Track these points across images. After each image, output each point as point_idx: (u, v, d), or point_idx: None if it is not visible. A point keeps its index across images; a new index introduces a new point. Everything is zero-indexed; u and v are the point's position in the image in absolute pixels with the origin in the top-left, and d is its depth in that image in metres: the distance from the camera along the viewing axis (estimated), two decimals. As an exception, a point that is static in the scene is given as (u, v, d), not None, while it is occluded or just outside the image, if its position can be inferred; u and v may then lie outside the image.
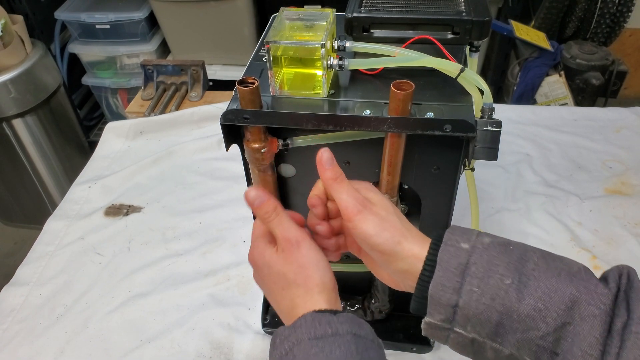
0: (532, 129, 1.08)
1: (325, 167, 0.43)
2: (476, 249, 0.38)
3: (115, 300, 0.78)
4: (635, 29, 1.98)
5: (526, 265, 0.37)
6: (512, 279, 0.36)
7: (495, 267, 0.37)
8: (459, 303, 0.37)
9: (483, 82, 0.47)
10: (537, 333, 0.35)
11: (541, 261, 0.37)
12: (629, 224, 0.86)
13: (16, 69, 1.44)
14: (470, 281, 0.37)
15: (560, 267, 0.37)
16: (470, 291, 0.37)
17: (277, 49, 0.47)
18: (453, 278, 0.37)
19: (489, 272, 0.37)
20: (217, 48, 1.77)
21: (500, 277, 0.36)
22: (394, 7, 0.50)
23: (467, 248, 0.38)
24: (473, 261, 0.37)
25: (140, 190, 0.99)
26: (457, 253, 0.38)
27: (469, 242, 0.39)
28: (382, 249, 0.41)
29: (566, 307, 0.35)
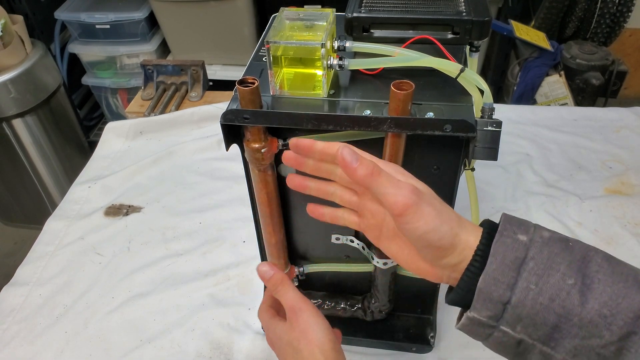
0: (532, 129, 1.08)
1: (353, 166, 0.37)
2: (535, 243, 0.35)
3: (115, 300, 0.78)
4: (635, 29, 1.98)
5: (589, 266, 0.34)
6: (575, 279, 0.33)
7: (557, 265, 0.34)
8: (512, 300, 0.34)
9: (483, 82, 0.47)
10: (599, 341, 0.33)
11: (605, 263, 0.34)
12: (629, 224, 0.86)
13: (16, 69, 1.44)
14: (528, 277, 0.34)
15: (625, 271, 0.34)
16: (527, 288, 0.34)
17: (277, 49, 0.47)
18: (508, 272, 0.34)
19: (549, 269, 0.34)
20: (217, 48, 1.77)
21: (562, 277, 0.33)
22: (394, 7, 0.50)
23: (525, 241, 0.35)
24: (531, 256, 0.34)
25: (140, 190, 0.99)
26: (514, 245, 0.35)
27: (527, 234, 0.35)
28: (439, 244, 0.37)
29: (635, 315, 0.32)
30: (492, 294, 0.35)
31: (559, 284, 0.33)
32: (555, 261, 0.34)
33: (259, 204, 0.57)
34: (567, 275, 0.34)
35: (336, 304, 0.70)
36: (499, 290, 0.34)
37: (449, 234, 0.37)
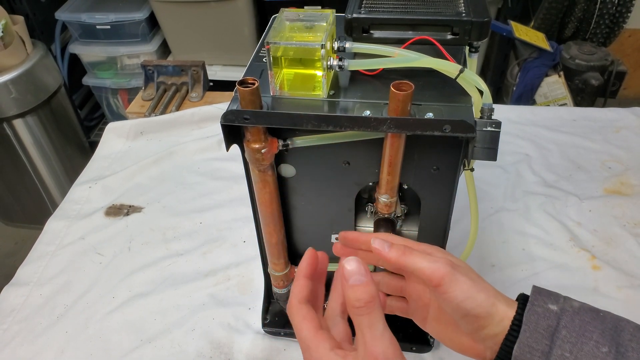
0: (532, 129, 1.08)
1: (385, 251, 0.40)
2: (566, 312, 0.36)
3: (116, 300, 0.78)
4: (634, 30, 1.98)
5: (622, 335, 0.35)
6: (609, 347, 0.34)
7: (590, 333, 0.35)
8: None
9: (482, 82, 0.47)
10: None
11: (637, 332, 0.35)
12: (628, 224, 0.86)
13: (17, 69, 1.44)
14: (562, 345, 0.34)
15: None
16: (562, 356, 0.34)
17: (277, 49, 0.47)
18: (542, 340, 0.35)
19: (582, 337, 0.34)
20: (218, 48, 1.77)
21: (596, 344, 0.34)
22: (393, 8, 0.50)
23: (556, 310, 0.36)
24: (564, 324, 0.35)
25: (140, 191, 0.99)
26: (546, 314, 0.36)
27: (557, 303, 0.37)
28: (476, 312, 0.38)
29: None
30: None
31: (594, 352, 0.34)
32: (587, 329, 0.35)
33: (259, 204, 0.57)
34: (600, 344, 0.34)
35: (336, 304, 0.70)
36: (534, 358, 0.35)
37: (486, 302, 0.38)
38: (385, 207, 0.56)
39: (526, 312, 0.36)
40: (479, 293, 0.38)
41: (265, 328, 0.72)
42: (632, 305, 0.73)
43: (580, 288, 0.76)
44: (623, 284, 0.76)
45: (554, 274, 0.78)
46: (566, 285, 0.77)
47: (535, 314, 0.36)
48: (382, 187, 0.54)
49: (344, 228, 0.61)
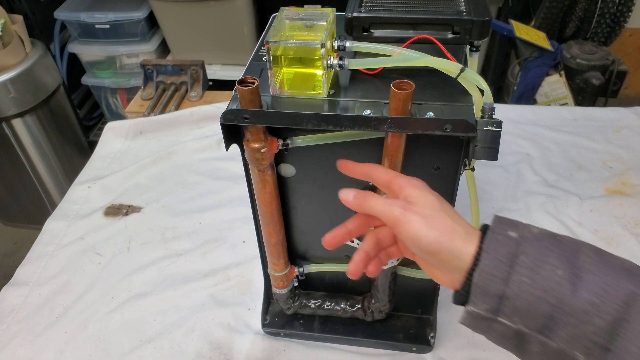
0: (533, 128, 1.08)
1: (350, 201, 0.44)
2: (525, 238, 0.37)
3: (115, 301, 0.78)
4: (635, 29, 1.98)
5: (579, 258, 0.36)
6: (564, 270, 0.35)
7: (547, 257, 0.36)
8: (507, 293, 0.36)
9: (483, 82, 0.47)
10: (591, 328, 0.34)
11: (594, 255, 0.36)
12: (629, 224, 0.86)
13: (16, 68, 1.44)
14: (520, 271, 0.36)
15: (613, 261, 0.36)
16: (520, 281, 0.35)
17: (277, 48, 0.46)
18: (501, 267, 0.36)
19: (540, 262, 0.36)
20: (217, 48, 1.77)
21: (552, 268, 0.35)
22: (394, 7, 0.50)
23: (516, 237, 0.37)
24: (522, 250, 0.36)
25: (139, 190, 0.99)
26: (506, 242, 0.37)
27: (517, 231, 0.38)
28: (432, 249, 0.39)
29: (623, 302, 0.33)
30: (488, 288, 0.36)
31: (550, 275, 0.35)
32: (544, 254, 0.36)
33: (259, 204, 0.57)
34: (557, 267, 0.35)
35: (336, 304, 0.70)
36: (494, 284, 0.36)
37: (441, 238, 0.39)
38: (385, 207, 0.56)
39: (487, 240, 0.38)
40: (432, 230, 0.39)
41: (265, 328, 0.72)
42: (634, 305, 0.73)
43: (581, 288, 0.76)
44: (624, 284, 0.76)
45: (555, 274, 0.78)
46: (567, 285, 0.76)
47: (495, 241, 0.37)
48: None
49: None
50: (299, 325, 0.72)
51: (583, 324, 0.34)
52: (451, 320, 0.72)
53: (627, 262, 0.37)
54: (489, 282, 0.36)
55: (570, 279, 0.35)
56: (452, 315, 0.73)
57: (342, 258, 0.65)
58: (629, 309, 0.33)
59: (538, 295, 0.35)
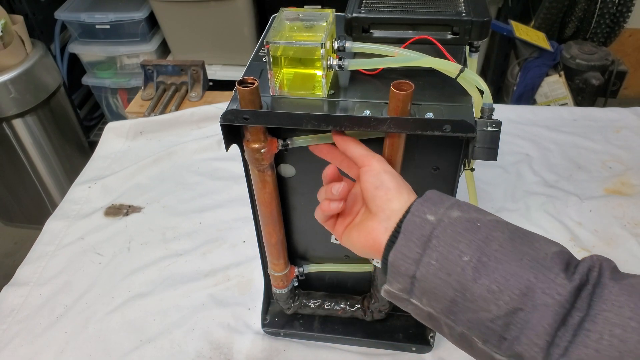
0: (532, 129, 1.08)
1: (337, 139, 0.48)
2: (441, 223, 0.38)
3: (115, 301, 0.78)
4: (634, 29, 1.98)
5: (490, 245, 0.36)
6: (470, 256, 0.36)
7: (458, 243, 0.36)
8: (417, 275, 0.37)
9: (483, 82, 0.47)
10: (488, 315, 0.35)
11: (507, 243, 0.36)
12: (629, 224, 0.86)
13: (16, 69, 1.44)
14: (430, 254, 0.37)
15: (526, 251, 0.36)
16: (429, 264, 0.37)
17: (277, 49, 0.47)
18: (414, 249, 0.37)
19: (449, 247, 0.36)
20: (217, 48, 1.77)
21: (460, 254, 0.36)
22: (393, 8, 0.50)
23: (433, 220, 0.38)
24: (436, 234, 0.37)
25: (140, 191, 0.99)
26: (422, 224, 0.38)
27: (436, 214, 0.38)
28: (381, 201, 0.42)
29: (520, 292, 0.34)
30: (400, 268, 0.38)
31: (456, 260, 0.36)
32: (456, 239, 0.37)
33: (259, 204, 0.57)
34: (464, 253, 0.36)
35: (336, 304, 0.70)
36: (406, 265, 0.38)
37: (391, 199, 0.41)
38: (385, 207, 0.56)
39: (405, 221, 0.39)
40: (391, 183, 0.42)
41: (265, 328, 0.72)
42: (633, 305, 0.73)
43: (581, 288, 0.76)
44: (624, 284, 0.76)
45: (555, 274, 0.78)
46: (566, 285, 0.77)
47: (412, 223, 0.38)
48: (382, 187, 0.54)
49: (344, 228, 0.61)
50: (298, 325, 0.72)
51: (481, 310, 0.35)
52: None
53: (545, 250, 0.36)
54: (402, 262, 0.38)
55: (475, 265, 0.35)
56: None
57: (342, 258, 0.65)
58: (525, 299, 0.34)
59: (444, 279, 0.36)
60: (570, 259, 0.36)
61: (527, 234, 0.38)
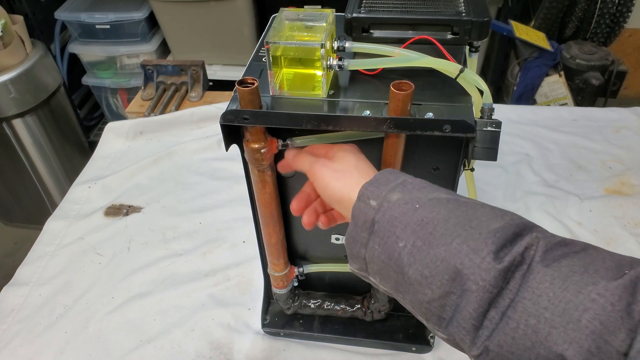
0: (532, 129, 1.08)
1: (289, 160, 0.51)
2: (382, 207, 0.39)
3: (115, 301, 0.78)
4: (635, 29, 1.98)
5: (425, 228, 0.37)
6: (405, 242, 0.37)
7: (394, 228, 0.38)
8: (366, 257, 0.40)
9: (482, 82, 0.47)
10: (425, 297, 0.36)
11: (441, 225, 0.36)
12: (629, 224, 0.86)
13: (16, 69, 1.44)
14: (374, 239, 0.39)
15: (459, 232, 0.36)
16: (373, 248, 0.39)
17: (277, 49, 0.47)
18: (361, 234, 0.39)
19: (387, 232, 0.38)
20: (217, 48, 1.77)
21: (396, 239, 0.37)
22: (393, 8, 0.50)
23: (375, 205, 0.39)
24: (377, 219, 0.39)
25: (140, 191, 0.99)
26: (366, 210, 0.39)
27: (377, 198, 0.39)
28: (336, 198, 0.44)
29: (450, 277, 0.35)
30: (353, 251, 0.41)
31: (393, 246, 0.38)
32: (393, 224, 0.38)
33: (259, 204, 0.57)
34: (400, 238, 0.37)
35: (336, 304, 0.70)
36: (357, 248, 0.40)
37: (342, 190, 0.43)
38: (385, 207, 0.56)
39: (353, 207, 0.41)
40: (337, 182, 0.44)
41: (264, 328, 0.72)
42: (633, 305, 0.73)
43: (581, 288, 0.76)
44: (623, 284, 0.76)
45: (555, 274, 0.78)
46: (566, 285, 0.77)
47: (358, 209, 0.40)
48: (382, 187, 0.54)
49: (344, 228, 0.61)
50: (298, 325, 0.72)
51: (419, 293, 0.37)
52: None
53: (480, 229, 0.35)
54: (354, 245, 0.40)
55: (410, 250, 0.36)
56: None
57: (342, 258, 0.65)
58: (454, 283, 0.35)
59: (386, 263, 0.38)
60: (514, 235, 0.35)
61: (468, 210, 0.37)
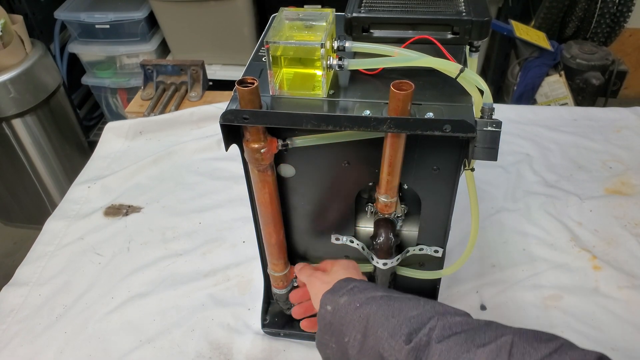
0: (532, 128, 1.08)
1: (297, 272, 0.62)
2: (334, 310, 0.48)
3: (115, 301, 0.78)
4: (635, 29, 1.98)
5: (361, 323, 0.45)
6: (349, 337, 0.46)
7: (342, 326, 0.47)
8: (330, 357, 0.49)
9: (483, 82, 0.47)
10: None
11: (371, 319, 0.44)
12: (629, 224, 0.86)
13: (16, 68, 1.43)
14: (331, 339, 0.48)
15: (383, 322, 0.43)
16: (332, 347, 0.48)
17: (277, 49, 0.47)
18: (324, 336, 0.49)
19: (338, 331, 0.47)
20: (217, 48, 1.77)
21: (343, 336, 0.46)
22: (393, 7, 0.50)
23: (330, 310, 0.48)
24: (332, 321, 0.48)
25: (139, 190, 0.99)
26: (324, 315, 0.49)
27: (332, 304, 0.49)
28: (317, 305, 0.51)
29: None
30: (323, 354, 0.50)
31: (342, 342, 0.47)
32: (341, 323, 0.47)
33: (259, 205, 0.57)
34: (345, 334, 0.47)
35: (336, 304, 0.70)
36: (324, 350, 0.50)
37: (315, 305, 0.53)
38: (385, 207, 0.56)
39: (318, 312, 0.50)
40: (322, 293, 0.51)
41: (264, 328, 0.72)
42: (633, 305, 0.73)
43: (581, 288, 0.76)
44: (624, 284, 0.76)
45: (555, 274, 0.78)
46: (567, 285, 0.77)
47: (320, 315, 0.49)
48: (382, 187, 0.54)
49: (344, 228, 0.61)
50: (298, 326, 0.71)
51: None
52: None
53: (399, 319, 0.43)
54: (323, 348, 0.50)
55: (353, 344, 0.45)
56: (452, 316, 0.73)
57: (341, 258, 0.65)
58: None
59: (340, 358, 0.48)
60: (428, 319, 0.42)
61: (395, 303, 0.45)
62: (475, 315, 0.72)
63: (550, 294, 0.75)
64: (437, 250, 0.61)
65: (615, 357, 0.69)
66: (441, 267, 0.63)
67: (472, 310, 0.74)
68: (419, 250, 0.61)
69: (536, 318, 0.72)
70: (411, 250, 0.61)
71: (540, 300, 0.75)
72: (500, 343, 0.38)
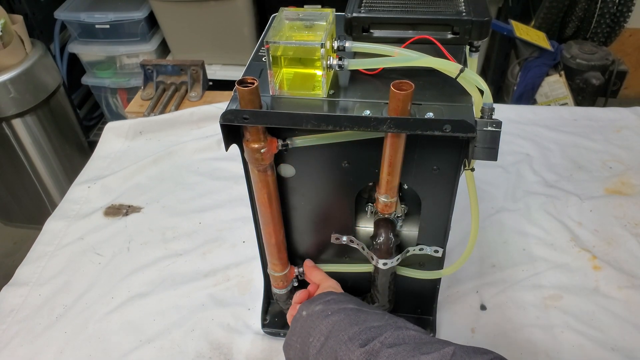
0: (532, 128, 1.08)
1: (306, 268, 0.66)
2: (309, 316, 0.53)
3: (115, 301, 0.78)
4: (635, 29, 1.98)
5: (327, 328, 0.50)
6: (313, 337, 0.50)
7: (310, 329, 0.51)
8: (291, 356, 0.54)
9: (483, 82, 0.47)
10: None
11: (337, 325, 0.49)
12: (629, 224, 0.86)
13: (16, 68, 1.43)
14: (296, 339, 0.53)
15: (347, 329, 0.48)
16: (295, 346, 0.53)
17: (277, 49, 0.47)
18: (292, 337, 0.53)
19: (305, 332, 0.51)
20: (217, 48, 1.77)
21: (308, 336, 0.51)
22: (393, 7, 0.50)
23: (304, 315, 0.54)
24: (301, 324, 0.53)
25: (139, 190, 0.99)
26: (298, 318, 0.54)
27: (307, 309, 0.54)
28: None
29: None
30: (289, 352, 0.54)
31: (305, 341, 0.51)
32: (310, 326, 0.52)
33: (259, 205, 0.57)
34: (310, 335, 0.51)
35: (336, 304, 0.70)
36: (289, 350, 0.54)
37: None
38: (385, 207, 0.56)
39: (293, 317, 0.55)
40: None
41: (264, 328, 0.72)
42: (633, 305, 0.73)
43: (581, 288, 0.76)
44: (624, 284, 0.76)
45: (555, 274, 0.78)
46: (567, 285, 0.77)
47: (295, 318, 0.54)
48: (382, 187, 0.54)
49: (344, 228, 0.61)
50: (298, 326, 0.72)
51: None
52: (451, 320, 0.72)
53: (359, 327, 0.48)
54: (288, 350, 0.54)
55: (315, 344, 0.49)
56: (452, 316, 0.73)
57: (342, 258, 0.65)
58: None
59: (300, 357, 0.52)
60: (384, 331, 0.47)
61: (363, 315, 0.50)
62: (476, 315, 0.72)
63: (550, 294, 0.75)
64: (437, 250, 0.61)
65: (615, 357, 0.70)
66: (441, 267, 0.63)
67: (472, 310, 0.74)
68: (419, 250, 0.61)
69: (536, 318, 0.72)
70: (411, 250, 0.61)
71: (540, 300, 0.75)
72: (443, 352, 0.43)
